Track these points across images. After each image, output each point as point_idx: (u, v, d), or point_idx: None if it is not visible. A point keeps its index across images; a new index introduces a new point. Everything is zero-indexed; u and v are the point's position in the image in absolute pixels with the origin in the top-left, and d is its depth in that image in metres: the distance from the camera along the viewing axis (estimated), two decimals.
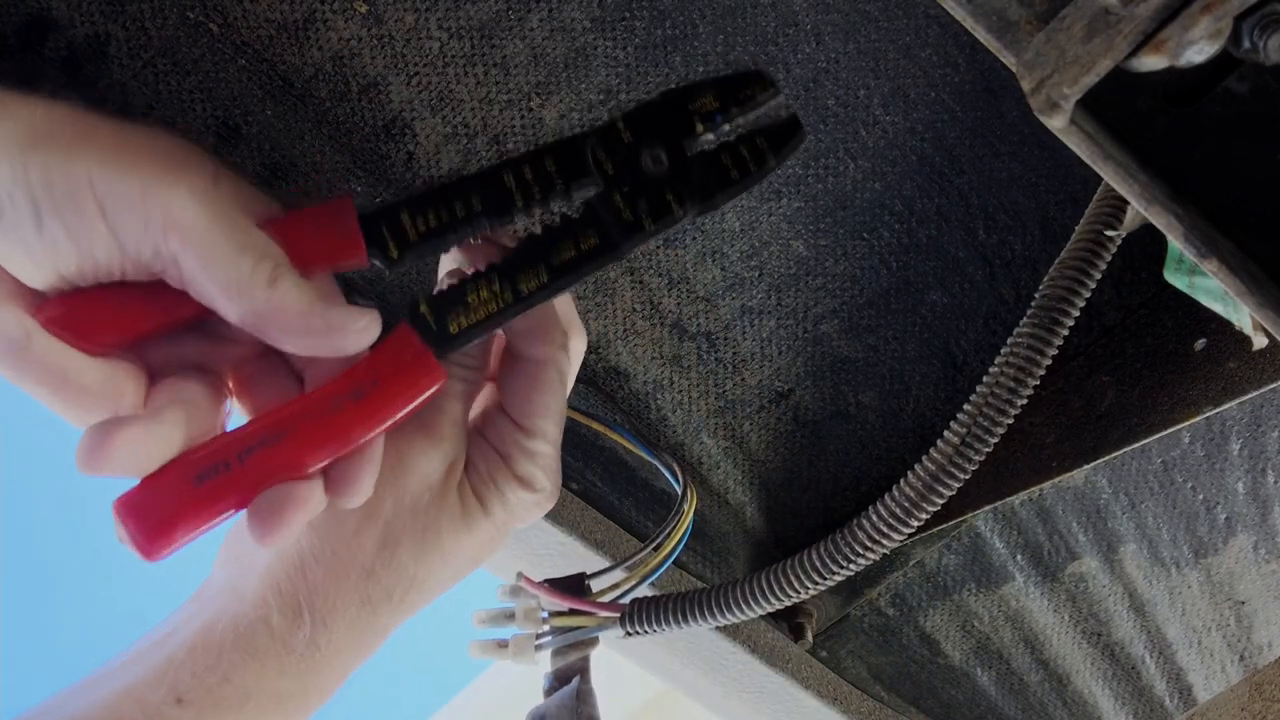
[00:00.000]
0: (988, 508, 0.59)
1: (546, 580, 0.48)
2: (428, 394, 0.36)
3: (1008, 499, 0.57)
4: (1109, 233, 0.43)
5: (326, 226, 0.36)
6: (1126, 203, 0.41)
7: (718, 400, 0.61)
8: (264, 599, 0.36)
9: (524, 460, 0.40)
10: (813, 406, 0.62)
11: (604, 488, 0.62)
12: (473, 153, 0.52)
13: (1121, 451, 0.51)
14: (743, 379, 0.61)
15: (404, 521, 0.38)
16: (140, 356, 0.36)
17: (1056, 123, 0.28)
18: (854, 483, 0.64)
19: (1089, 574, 0.72)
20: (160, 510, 0.32)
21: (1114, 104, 0.30)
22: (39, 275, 0.33)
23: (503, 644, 0.47)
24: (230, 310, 0.33)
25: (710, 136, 0.37)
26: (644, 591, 0.49)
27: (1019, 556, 0.71)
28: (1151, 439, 0.50)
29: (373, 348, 0.36)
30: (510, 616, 0.47)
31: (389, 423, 0.35)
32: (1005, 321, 0.60)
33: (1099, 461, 0.52)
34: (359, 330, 0.35)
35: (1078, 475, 0.68)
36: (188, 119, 0.48)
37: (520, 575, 0.48)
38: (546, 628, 0.47)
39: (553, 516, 0.56)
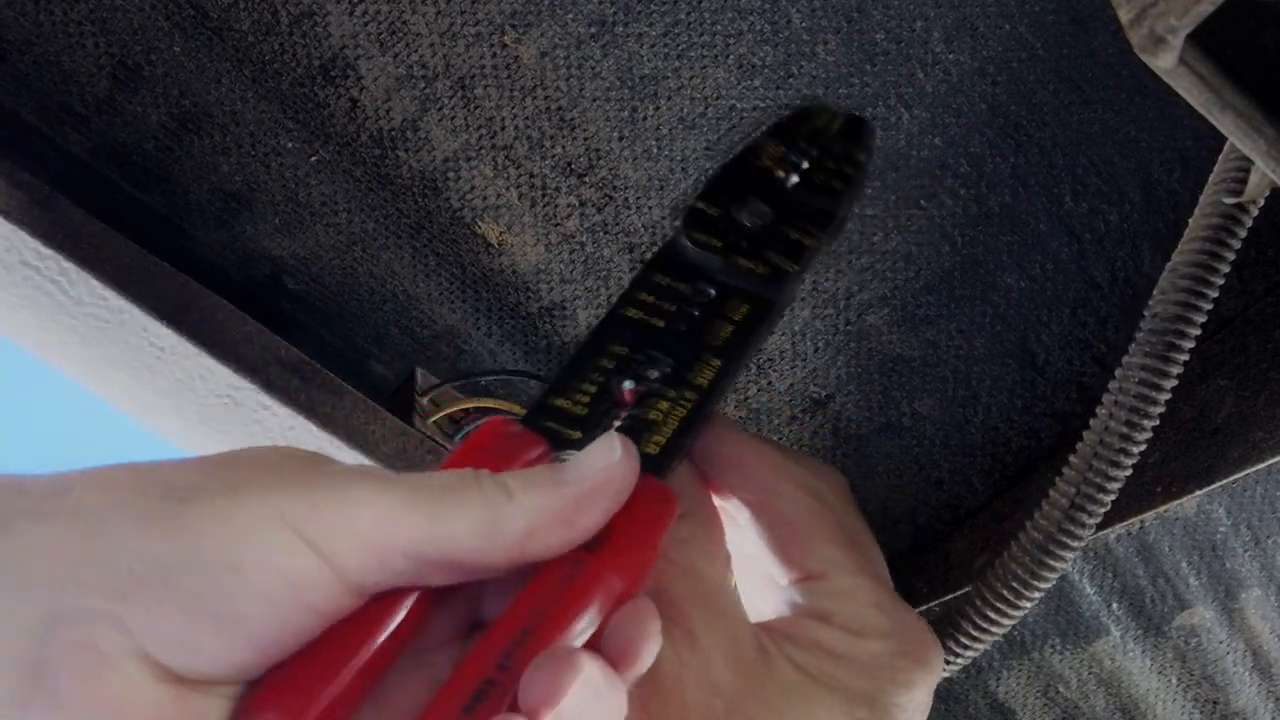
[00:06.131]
0: None
1: None
2: (669, 523, 0.37)
3: (1101, 533, 0.57)
4: (1228, 200, 0.43)
5: (493, 448, 0.38)
6: (1250, 163, 0.41)
7: (739, 409, 0.61)
8: None
9: (832, 607, 0.38)
10: (857, 417, 0.62)
11: None
12: (431, 100, 0.52)
13: (1243, 474, 0.51)
14: (769, 383, 0.61)
15: None
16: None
17: (1163, 62, 0.28)
18: (909, 512, 0.64)
19: (1202, 627, 0.72)
20: None
21: (1235, 39, 0.30)
22: (235, 665, 0.30)
23: None
24: (503, 554, 0.33)
25: (795, 177, 0.44)
26: None
27: (1115, 605, 0.71)
28: None
29: None
30: None
31: (648, 563, 0.36)
32: (1097, 311, 0.60)
33: (1215, 486, 0.52)
34: (622, 459, 0.34)
35: (1188, 504, 0.68)
36: (75, 57, 0.48)
37: None
38: None
39: None
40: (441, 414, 0.59)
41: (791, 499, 0.40)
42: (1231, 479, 0.52)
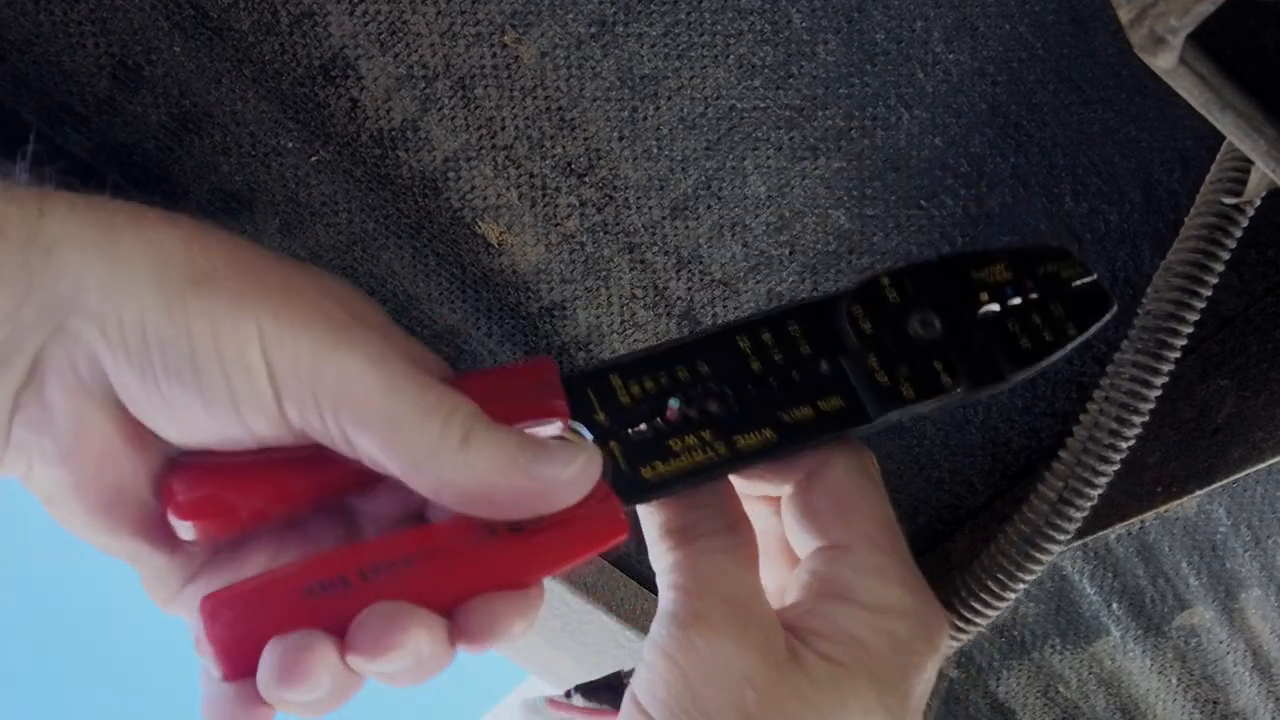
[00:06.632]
0: (1076, 544, 0.59)
1: (577, 688, 0.48)
2: (605, 548, 0.36)
3: (1101, 533, 0.57)
4: (1227, 200, 0.43)
5: (522, 385, 0.38)
6: (1249, 163, 0.41)
7: None
8: None
9: (854, 581, 0.39)
10: None
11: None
12: (431, 100, 0.52)
13: (1243, 474, 0.51)
14: None
15: None
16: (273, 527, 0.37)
17: (1163, 62, 0.28)
18: (910, 512, 0.64)
19: (1202, 627, 0.72)
20: (255, 621, 0.32)
21: (1235, 39, 0.30)
22: (173, 435, 0.34)
23: None
24: (419, 483, 0.34)
25: (995, 307, 0.40)
26: None
27: (1115, 605, 0.71)
28: None
29: None
30: None
31: (555, 570, 0.36)
32: None
33: (1215, 486, 0.52)
34: (574, 478, 0.35)
35: (1188, 504, 0.68)
36: (75, 57, 0.48)
37: (546, 699, 0.48)
38: None
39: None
40: None
41: (844, 469, 0.40)
42: (1232, 479, 0.52)
